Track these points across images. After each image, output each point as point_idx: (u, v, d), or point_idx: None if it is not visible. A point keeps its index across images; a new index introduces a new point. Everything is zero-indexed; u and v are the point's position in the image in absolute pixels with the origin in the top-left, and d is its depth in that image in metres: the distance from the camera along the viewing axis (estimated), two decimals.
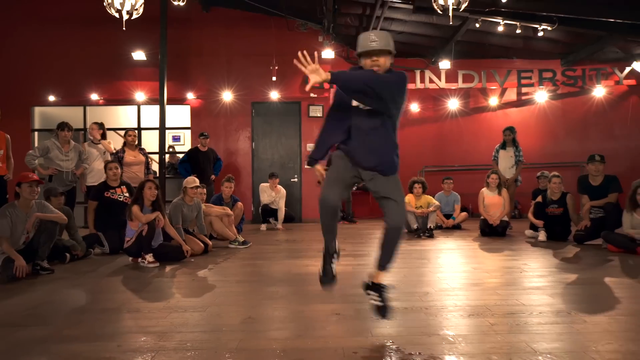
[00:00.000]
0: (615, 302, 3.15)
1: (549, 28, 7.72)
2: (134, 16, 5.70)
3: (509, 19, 7.56)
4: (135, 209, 4.80)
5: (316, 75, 2.25)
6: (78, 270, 4.48)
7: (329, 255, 2.64)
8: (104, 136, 6.94)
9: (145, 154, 6.86)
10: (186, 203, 5.50)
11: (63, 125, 6.08)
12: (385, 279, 2.56)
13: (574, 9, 7.18)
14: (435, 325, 2.67)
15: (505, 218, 7.10)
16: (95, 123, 7.08)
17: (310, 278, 3.91)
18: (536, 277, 3.94)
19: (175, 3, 5.42)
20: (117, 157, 6.49)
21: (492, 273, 4.18)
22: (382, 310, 2.49)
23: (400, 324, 2.66)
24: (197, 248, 5.34)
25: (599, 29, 7.85)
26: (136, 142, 6.71)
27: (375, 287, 2.53)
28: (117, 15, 5.59)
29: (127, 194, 5.74)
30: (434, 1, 5.64)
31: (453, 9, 5.60)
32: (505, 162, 7.77)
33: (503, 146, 7.82)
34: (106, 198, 5.62)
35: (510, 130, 7.78)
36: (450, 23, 6.27)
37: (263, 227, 8.20)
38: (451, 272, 4.25)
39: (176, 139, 11.38)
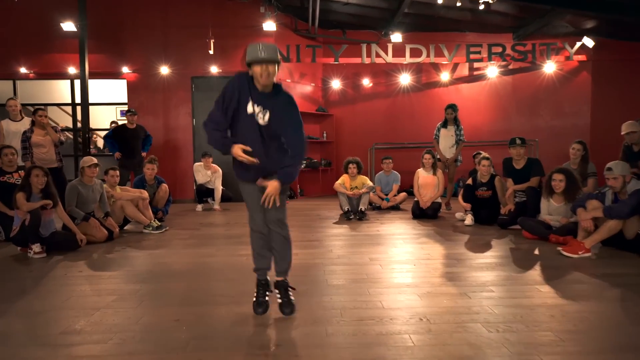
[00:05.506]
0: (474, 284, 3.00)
1: (491, 1, 7.41)
2: None
3: None
4: (20, 196, 4.48)
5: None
6: None
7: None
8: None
9: (58, 132, 6.44)
10: (85, 184, 5.18)
11: None
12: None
13: None
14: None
15: (439, 200, 6.96)
16: (13, 99, 6.69)
17: (172, 272, 3.68)
18: (406, 270, 3.78)
19: None
20: (26, 136, 6.12)
21: (377, 259, 4.00)
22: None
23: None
24: (99, 235, 5.06)
25: (542, 3, 7.57)
26: (46, 122, 6.28)
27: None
28: None
29: None
30: None
31: None
32: (446, 142, 7.53)
33: (444, 124, 7.55)
34: (2, 183, 5.29)
35: (452, 108, 7.47)
36: None
37: (199, 207, 7.95)
38: (343, 254, 4.06)
39: (124, 113, 10.94)
